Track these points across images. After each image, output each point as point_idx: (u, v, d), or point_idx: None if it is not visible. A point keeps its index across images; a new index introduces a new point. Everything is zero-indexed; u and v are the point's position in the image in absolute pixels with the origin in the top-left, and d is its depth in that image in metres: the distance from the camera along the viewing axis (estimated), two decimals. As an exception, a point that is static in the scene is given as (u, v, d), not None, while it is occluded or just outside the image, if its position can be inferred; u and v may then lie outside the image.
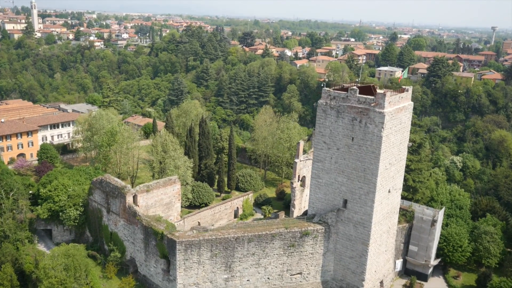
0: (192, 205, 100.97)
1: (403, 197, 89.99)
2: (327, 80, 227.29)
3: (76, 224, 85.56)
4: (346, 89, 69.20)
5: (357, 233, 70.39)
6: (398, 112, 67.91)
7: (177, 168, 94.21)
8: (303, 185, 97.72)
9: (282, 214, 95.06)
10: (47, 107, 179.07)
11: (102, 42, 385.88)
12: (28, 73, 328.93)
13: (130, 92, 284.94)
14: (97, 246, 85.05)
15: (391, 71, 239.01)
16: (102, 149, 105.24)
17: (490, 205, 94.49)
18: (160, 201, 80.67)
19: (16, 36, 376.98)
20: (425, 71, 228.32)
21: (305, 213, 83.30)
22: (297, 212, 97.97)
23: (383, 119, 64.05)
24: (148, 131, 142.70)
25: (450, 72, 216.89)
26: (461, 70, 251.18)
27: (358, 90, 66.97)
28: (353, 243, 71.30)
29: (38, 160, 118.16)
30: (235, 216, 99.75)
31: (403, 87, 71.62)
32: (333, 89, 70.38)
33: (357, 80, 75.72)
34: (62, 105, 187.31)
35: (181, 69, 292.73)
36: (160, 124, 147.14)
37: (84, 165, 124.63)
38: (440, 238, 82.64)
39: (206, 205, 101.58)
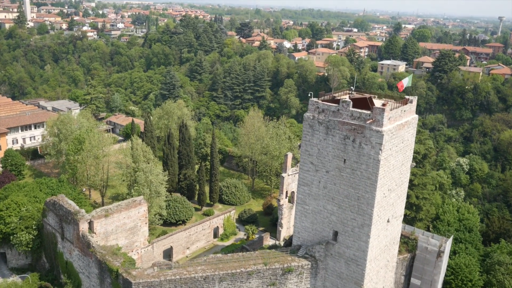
0: (168, 222, 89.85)
1: (404, 217, 78.91)
2: (326, 74, 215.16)
3: (29, 249, 74.78)
4: (337, 101, 57.50)
5: (349, 271, 59.37)
6: (399, 129, 56.36)
7: (149, 182, 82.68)
8: (291, 201, 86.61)
9: (267, 236, 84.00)
10: (27, 104, 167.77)
11: (95, 32, 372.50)
12: (19, 65, 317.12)
13: (122, 85, 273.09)
14: (53, 274, 74.33)
15: (394, 65, 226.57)
16: (68, 157, 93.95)
17: (504, 228, 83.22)
18: (122, 226, 69.50)
19: (7, 26, 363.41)
20: (430, 66, 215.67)
21: (291, 239, 72.22)
22: (285, 231, 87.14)
23: (381, 139, 52.57)
24: (130, 133, 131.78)
25: (456, 67, 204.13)
26: (468, 64, 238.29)
27: (351, 102, 55.37)
28: (344, 282, 60.34)
29: (2, 167, 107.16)
30: (215, 236, 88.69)
31: (407, 97, 59.80)
32: (322, 100, 58.77)
33: (351, 87, 63.81)
34: (42, 102, 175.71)
35: (175, 61, 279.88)
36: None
37: (55, 172, 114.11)
38: (447, 270, 71.62)
39: (183, 222, 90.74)
